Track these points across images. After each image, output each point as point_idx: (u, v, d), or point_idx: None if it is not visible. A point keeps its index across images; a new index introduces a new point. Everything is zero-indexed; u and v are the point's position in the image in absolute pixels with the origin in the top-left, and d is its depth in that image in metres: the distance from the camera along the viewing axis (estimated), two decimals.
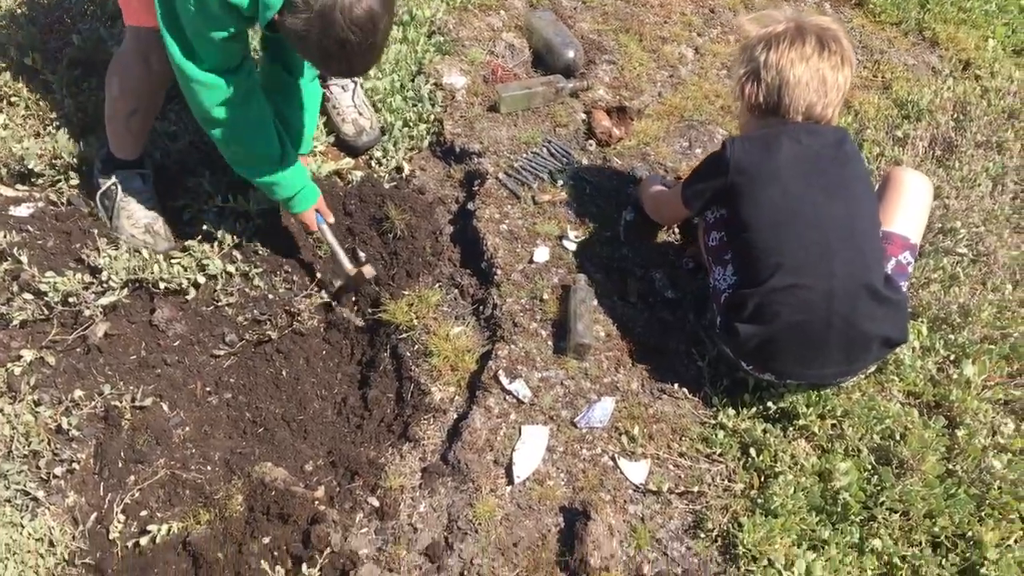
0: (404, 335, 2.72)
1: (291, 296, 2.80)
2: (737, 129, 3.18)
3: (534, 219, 2.93)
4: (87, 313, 2.53)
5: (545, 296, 2.71)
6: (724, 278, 2.46)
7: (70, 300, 2.55)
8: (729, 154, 2.34)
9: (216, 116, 2.33)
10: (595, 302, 2.67)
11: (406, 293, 2.81)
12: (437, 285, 2.86)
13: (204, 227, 2.87)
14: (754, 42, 2.43)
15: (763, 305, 2.30)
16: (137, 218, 2.79)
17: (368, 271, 2.79)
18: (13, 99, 2.95)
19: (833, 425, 2.48)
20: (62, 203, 2.86)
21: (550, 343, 2.63)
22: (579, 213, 2.96)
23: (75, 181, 2.90)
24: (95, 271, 2.63)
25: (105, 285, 2.59)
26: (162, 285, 2.66)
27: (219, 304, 2.74)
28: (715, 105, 3.52)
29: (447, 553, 2.19)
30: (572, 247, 2.86)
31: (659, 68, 3.64)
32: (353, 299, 2.89)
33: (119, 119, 2.66)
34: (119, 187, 2.77)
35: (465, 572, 2.15)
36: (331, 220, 2.84)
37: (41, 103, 2.94)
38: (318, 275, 2.89)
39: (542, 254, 2.81)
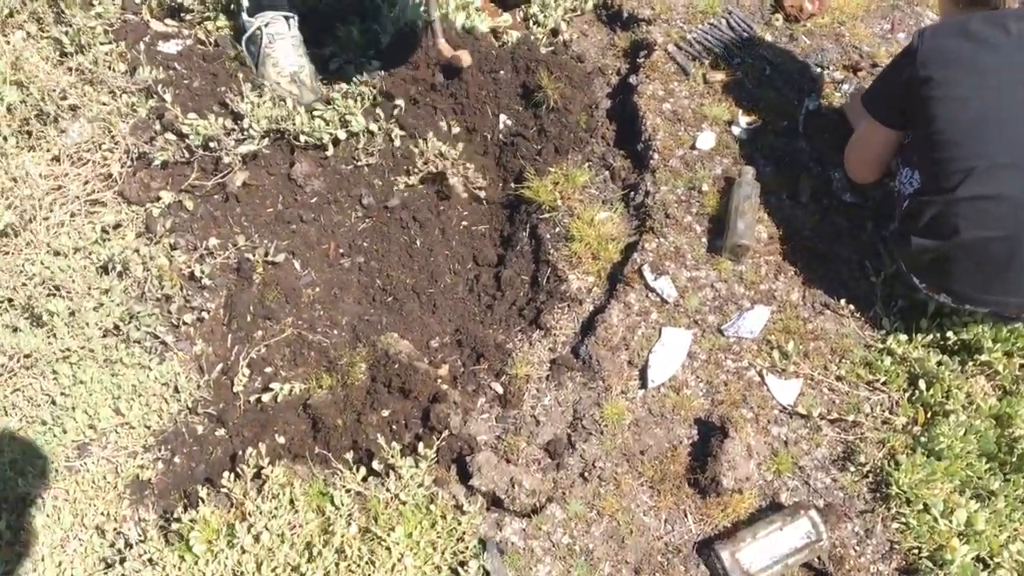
0: (546, 215, 2.60)
1: (434, 160, 2.72)
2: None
3: (702, 100, 2.70)
4: (226, 160, 2.53)
5: (704, 187, 2.52)
6: (909, 182, 2.19)
7: (211, 145, 2.56)
8: (917, 43, 2.03)
9: None
10: (759, 198, 2.46)
11: (552, 170, 2.68)
12: (587, 164, 2.71)
13: (351, 80, 2.80)
14: None
15: (942, 216, 2.04)
16: (283, 66, 2.74)
17: (464, 57, 2.71)
18: None
19: (1022, 366, 2.23)
20: (210, 43, 2.84)
21: (704, 240, 2.45)
22: (754, 97, 2.71)
23: (224, 21, 2.88)
24: (237, 117, 2.62)
25: (246, 133, 2.58)
26: (303, 139, 2.63)
27: (359, 164, 2.69)
28: None
29: (568, 451, 2.12)
30: (742, 135, 2.63)
31: None
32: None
33: None
34: (264, 31, 2.72)
35: (586, 473, 2.08)
36: None
37: None
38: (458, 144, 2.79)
39: (707, 140, 2.60)
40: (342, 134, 2.68)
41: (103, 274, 2.37)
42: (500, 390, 2.28)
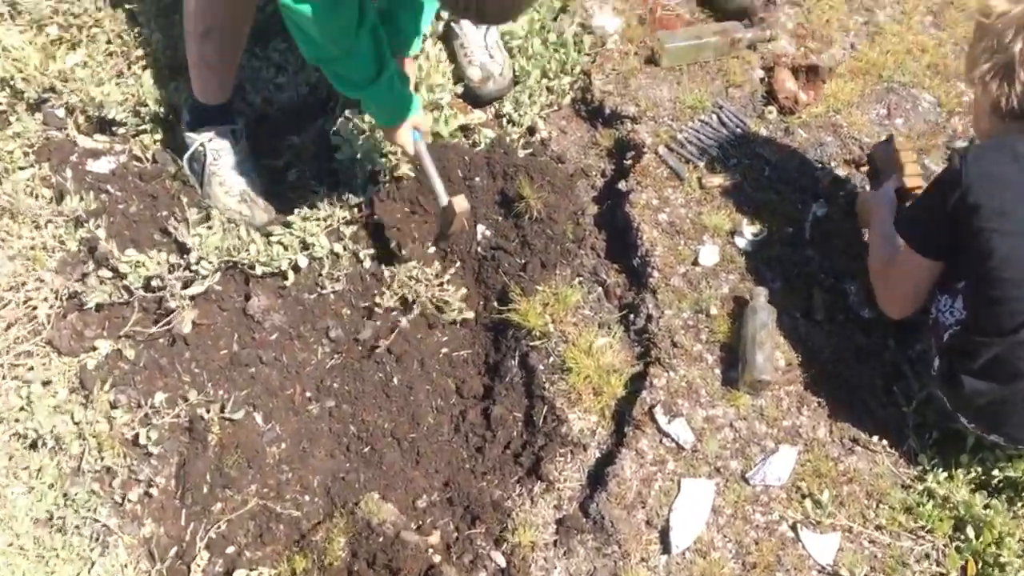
0: (537, 343, 2.35)
1: (408, 283, 2.45)
2: (965, 120, 2.69)
3: (700, 207, 2.48)
4: (172, 305, 2.23)
5: (713, 310, 2.29)
6: (950, 310, 1.99)
7: (153, 284, 2.26)
8: (959, 167, 1.84)
9: (320, 51, 1.99)
10: (776, 325, 2.24)
11: (540, 288, 2.43)
12: (578, 280, 2.47)
13: (310, 194, 2.53)
14: (1003, 24, 1.88)
15: (1002, 359, 1.84)
16: (231, 184, 2.46)
17: (460, 203, 2.37)
18: (94, 31, 2.61)
19: None
20: (147, 158, 2.54)
21: (718, 371, 2.22)
22: (755, 202, 2.50)
23: (161, 133, 2.58)
24: (183, 249, 2.32)
25: (193, 270, 2.28)
26: (259, 268, 2.34)
27: (323, 291, 2.41)
28: (920, 62, 2.95)
29: None
30: (747, 246, 2.42)
31: (852, 12, 3.08)
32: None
33: (192, 42, 2.28)
34: (208, 148, 2.43)
35: None
36: (429, 140, 2.47)
37: (125, 36, 2.60)
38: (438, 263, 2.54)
39: (709, 254, 2.38)
40: (303, 259, 2.40)
41: (32, 450, 2.04)
42: (502, 562, 2.00)
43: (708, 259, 2.37)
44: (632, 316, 2.36)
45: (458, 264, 2.57)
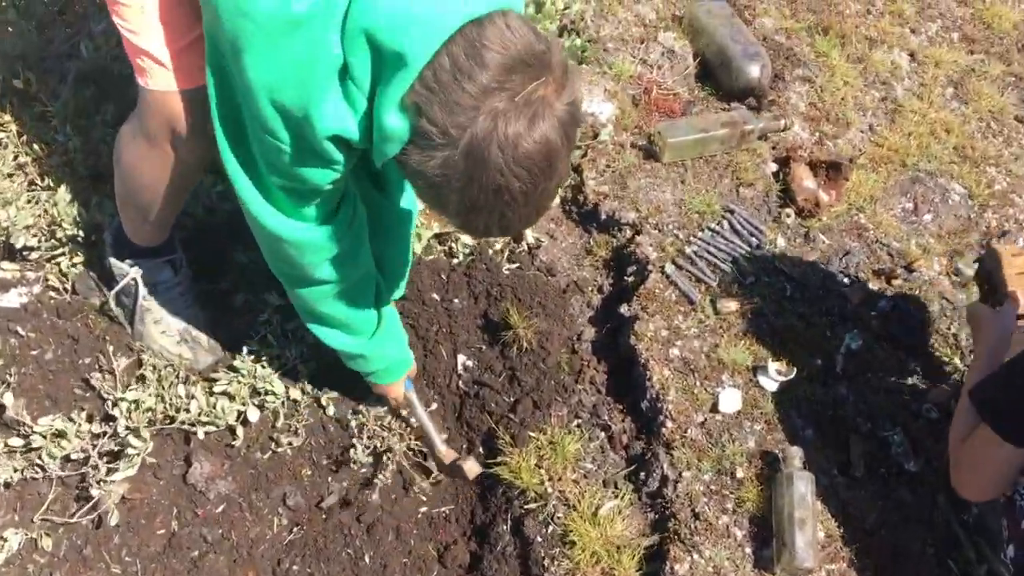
0: (532, 505, 2.02)
1: (380, 433, 2.11)
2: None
3: (716, 338, 2.17)
4: (95, 493, 1.87)
5: (739, 472, 1.98)
6: None
7: (73, 458, 1.89)
8: None
9: (309, 275, 1.67)
10: (815, 495, 1.93)
11: (533, 436, 2.10)
12: (576, 424, 2.14)
13: (261, 325, 2.18)
14: None
15: None
16: (168, 323, 2.09)
17: (471, 468, 2.00)
18: None
19: None
20: (65, 289, 2.16)
21: (748, 550, 1.91)
22: (778, 331, 2.19)
23: (81, 258, 2.20)
24: (108, 417, 1.96)
25: (122, 439, 1.91)
26: (201, 431, 1.98)
27: (279, 449, 2.06)
28: (945, 145, 2.68)
29: None
30: (772, 386, 2.11)
31: (868, 86, 2.79)
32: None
33: (132, 208, 1.94)
34: (140, 283, 2.06)
35: None
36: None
37: (36, 145, 2.21)
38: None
39: (731, 399, 2.07)
40: (253, 412, 2.04)
41: None
42: None
43: (729, 405, 2.06)
44: (643, 474, 2.04)
45: (436, 403, 2.25)
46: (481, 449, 2.18)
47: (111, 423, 1.93)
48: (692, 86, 2.71)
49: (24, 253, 2.18)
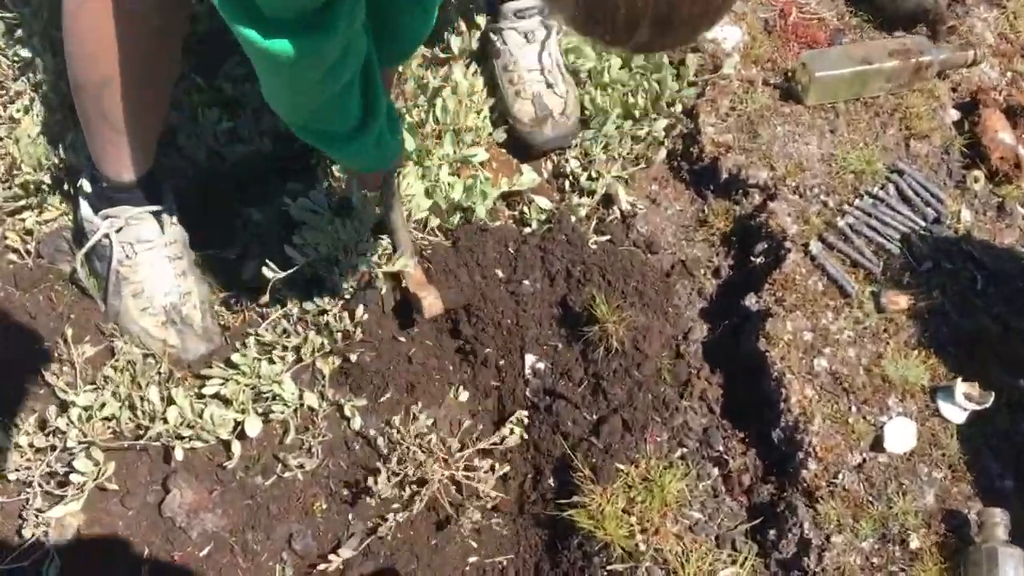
0: (618, 566, 1.50)
1: (416, 456, 1.60)
2: None
3: (880, 346, 1.59)
4: (31, 534, 1.41)
5: (913, 540, 1.42)
6: None
7: (12, 478, 1.44)
8: None
9: (299, 99, 1.18)
10: None
11: (621, 469, 1.57)
12: (680, 455, 1.60)
13: (275, 304, 1.70)
14: None
15: None
16: (150, 297, 1.62)
17: (432, 305, 1.60)
18: None
19: None
20: (27, 251, 1.71)
21: None
22: (966, 337, 1.60)
23: (53, 213, 1.74)
24: (59, 431, 1.50)
25: (72, 454, 1.45)
26: (180, 447, 1.51)
27: (286, 473, 1.58)
28: None
29: None
30: (959, 416, 1.53)
31: None
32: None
33: (84, 97, 1.46)
34: (115, 240, 1.59)
35: None
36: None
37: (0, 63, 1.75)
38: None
39: (901, 433, 1.49)
40: (254, 423, 1.56)
41: None
42: None
43: (899, 442, 1.49)
44: (773, 532, 1.50)
45: (495, 409, 1.74)
46: (552, 481, 1.66)
47: (60, 435, 1.47)
48: (842, 10, 2.10)
49: None
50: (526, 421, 1.68)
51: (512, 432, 1.67)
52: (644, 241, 1.83)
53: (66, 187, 1.75)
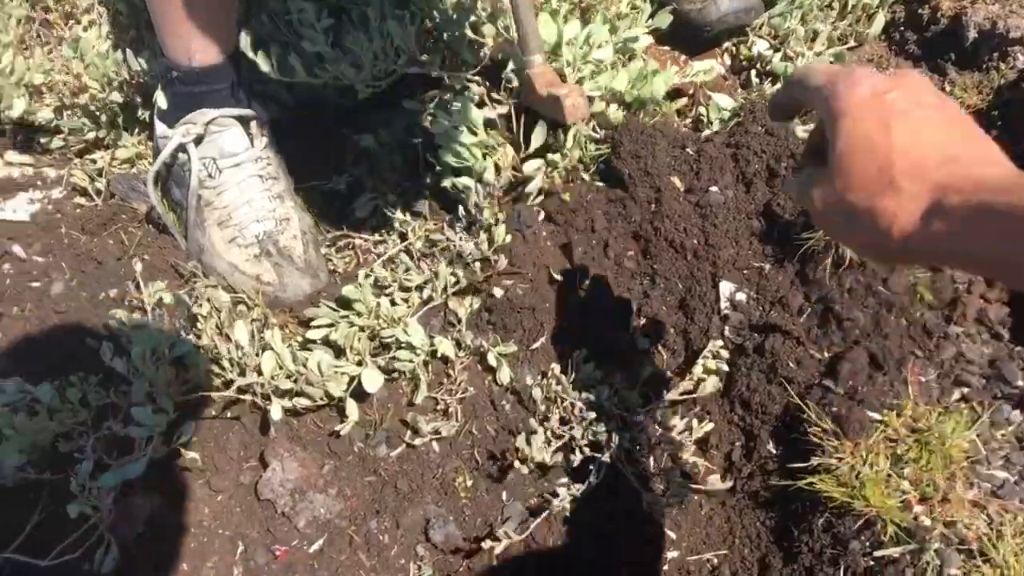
0: (891, 550, 1.04)
1: (581, 414, 1.20)
2: None
3: None
4: (78, 512, 1.06)
5: None
6: None
7: (63, 451, 1.11)
8: None
9: None
10: None
11: (878, 420, 1.12)
12: (958, 395, 1.15)
13: (387, 241, 1.35)
14: None
15: None
16: (240, 223, 1.29)
17: (575, 105, 1.20)
18: None
19: None
20: (98, 191, 1.41)
21: None
22: None
23: (131, 147, 1.44)
24: (116, 378, 1.16)
25: (127, 418, 1.11)
26: (278, 405, 1.15)
27: (416, 443, 1.20)
28: None
29: None
30: None
31: None
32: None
33: None
34: (194, 155, 1.27)
35: None
36: None
37: None
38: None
39: None
40: (373, 377, 1.18)
41: None
42: None
43: None
44: None
45: (682, 355, 1.32)
46: (772, 444, 1.22)
47: (122, 389, 1.13)
48: None
49: (42, 141, 1.45)
50: (726, 357, 1.25)
51: (707, 375, 1.25)
52: None
53: (140, 114, 1.46)
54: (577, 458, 1.15)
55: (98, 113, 1.42)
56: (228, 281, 1.29)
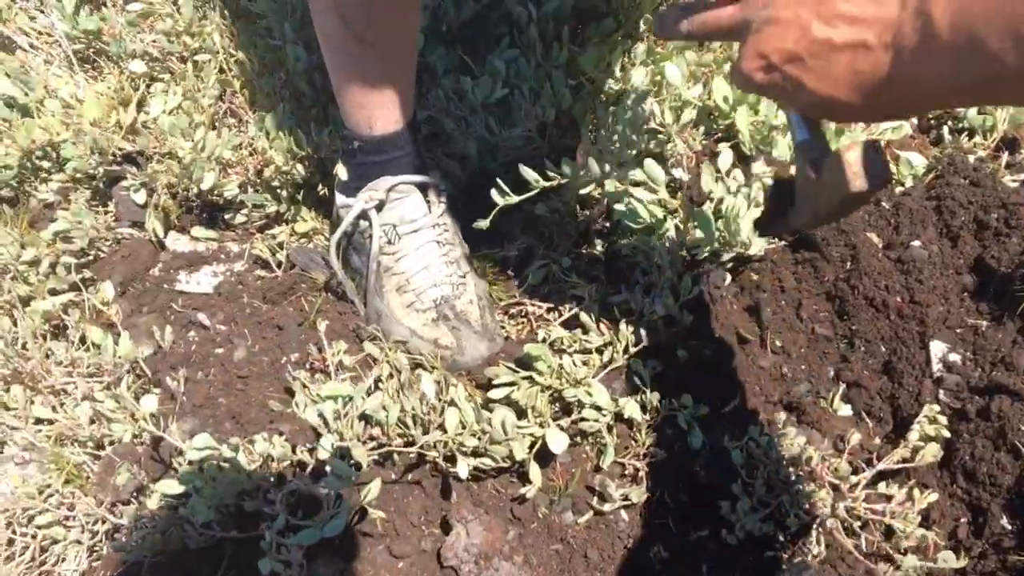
0: None
1: (782, 477, 1.10)
2: None
3: None
4: (269, 571, 1.03)
5: None
6: None
7: (249, 510, 1.09)
8: None
9: None
10: None
11: None
12: None
13: (566, 302, 1.31)
14: None
15: None
16: (418, 288, 1.28)
17: (858, 178, 0.80)
18: (197, 57, 1.59)
19: None
20: (279, 263, 1.44)
21: None
22: None
23: (305, 225, 1.48)
24: (306, 436, 1.14)
25: (315, 470, 1.09)
26: (465, 464, 1.10)
27: (605, 508, 1.12)
28: None
29: None
30: None
31: None
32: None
33: (332, 47, 1.20)
34: (376, 221, 1.29)
35: None
36: None
37: (243, 58, 1.57)
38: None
39: None
40: (557, 438, 1.12)
41: None
42: None
43: None
44: None
45: (890, 422, 1.20)
46: (1005, 520, 1.09)
47: (308, 444, 1.10)
48: None
49: (226, 217, 1.50)
50: (944, 423, 1.13)
51: (925, 442, 1.13)
52: None
53: (320, 189, 1.50)
54: (793, 524, 1.05)
55: (279, 189, 1.47)
56: (407, 347, 1.27)
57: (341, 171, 1.35)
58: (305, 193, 1.51)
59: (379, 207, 1.30)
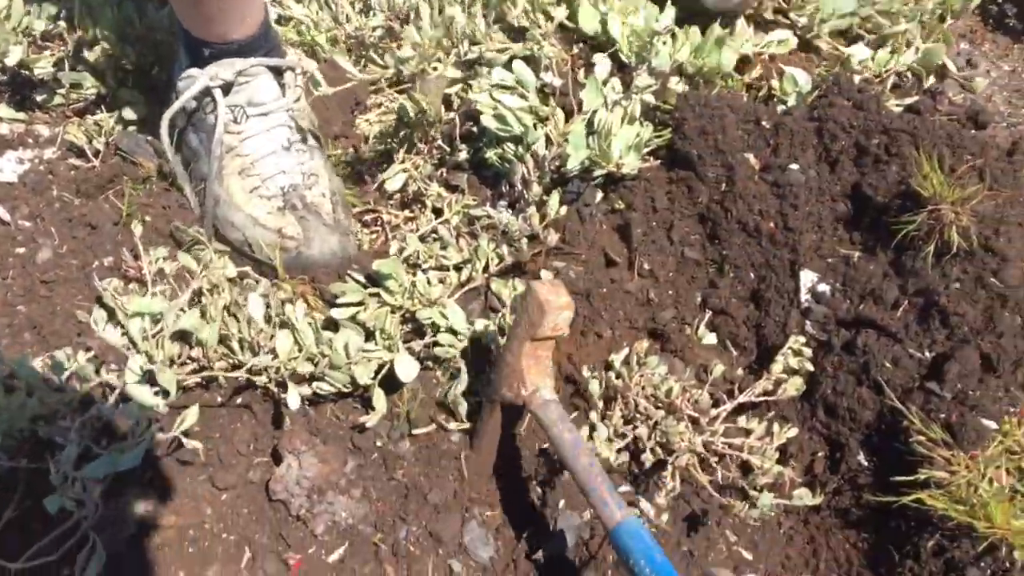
0: None
1: (645, 406, 1.05)
2: None
3: None
4: (60, 509, 0.91)
5: None
6: None
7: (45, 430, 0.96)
8: None
9: None
10: None
11: (995, 429, 0.98)
12: None
13: (429, 215, 1.22)
14: None
15: None
16: (264, 173, 1.15)
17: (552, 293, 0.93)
18: None
19: None
20: (92, 152, 1.28)
21: None
22: None
23: (133, 111, 1.32)
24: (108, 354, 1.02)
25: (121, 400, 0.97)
26: (296, 392, 1.00)
27: (454, 440, 1.05)
28: None
29: None
30: None
31: None
32: None
33: None
34: (219, 99, 1.14)
35: None
36: None
37: None
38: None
39: None
40: (407, 364, 1.04)
41: None
42: None
43: None
44: None
45: (756, 353, 1.17)
46: (863, 455, 1.07)
47: (115, 368, 0.98)
48: None
49: (36, 97, 1.32)
50: (808, 355, 1.11)
51: (788, 375, 1.10)
52: (964, 113, 1.26)
53: (154, 70, 1.33)
54: (648, 460, 1.00)
55: (105, 71, 1.29)
56: (244, 236, 1.14)
57: (181, 50, 1.19)
58: (136, 78, 1.33)
59: (226, 89, 1.14)
